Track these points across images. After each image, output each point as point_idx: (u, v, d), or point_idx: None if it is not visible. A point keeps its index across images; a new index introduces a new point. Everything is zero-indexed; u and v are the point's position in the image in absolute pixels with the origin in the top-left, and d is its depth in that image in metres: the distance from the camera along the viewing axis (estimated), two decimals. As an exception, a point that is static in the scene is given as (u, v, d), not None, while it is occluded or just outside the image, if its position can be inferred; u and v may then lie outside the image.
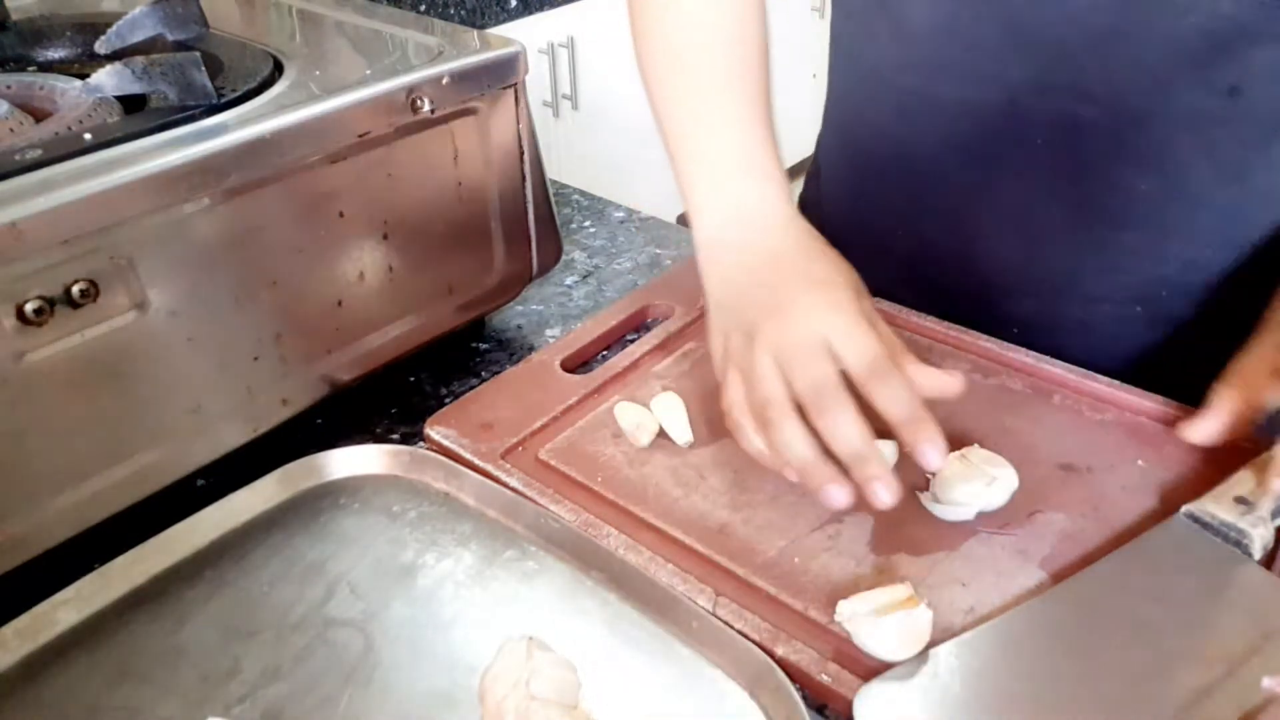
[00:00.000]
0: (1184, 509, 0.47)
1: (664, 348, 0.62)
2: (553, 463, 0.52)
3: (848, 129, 0.71)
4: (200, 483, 0.53)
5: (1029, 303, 0.63)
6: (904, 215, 0.67)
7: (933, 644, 0.41)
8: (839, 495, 0.44)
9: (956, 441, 0.53)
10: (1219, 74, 0.51)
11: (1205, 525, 0.46)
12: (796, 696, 0.39)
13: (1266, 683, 0.38)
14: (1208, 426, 0.49)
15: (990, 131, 0.59)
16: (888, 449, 0.49)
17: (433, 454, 0.53)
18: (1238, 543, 0.45)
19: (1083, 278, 0.61)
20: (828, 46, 0.71)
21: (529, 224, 0.63)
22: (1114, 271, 0.59)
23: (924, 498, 0.49)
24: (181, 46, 0.55)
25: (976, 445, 0.51)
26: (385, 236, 0.55)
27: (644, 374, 0.60)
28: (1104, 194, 0.57)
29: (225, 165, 0.45)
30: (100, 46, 0.55)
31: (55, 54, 0.59)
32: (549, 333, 0.67)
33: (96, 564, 0.46)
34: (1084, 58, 0.53)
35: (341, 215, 0.52)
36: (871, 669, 0.41)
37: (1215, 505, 0.46)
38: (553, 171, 0.64)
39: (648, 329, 0.66)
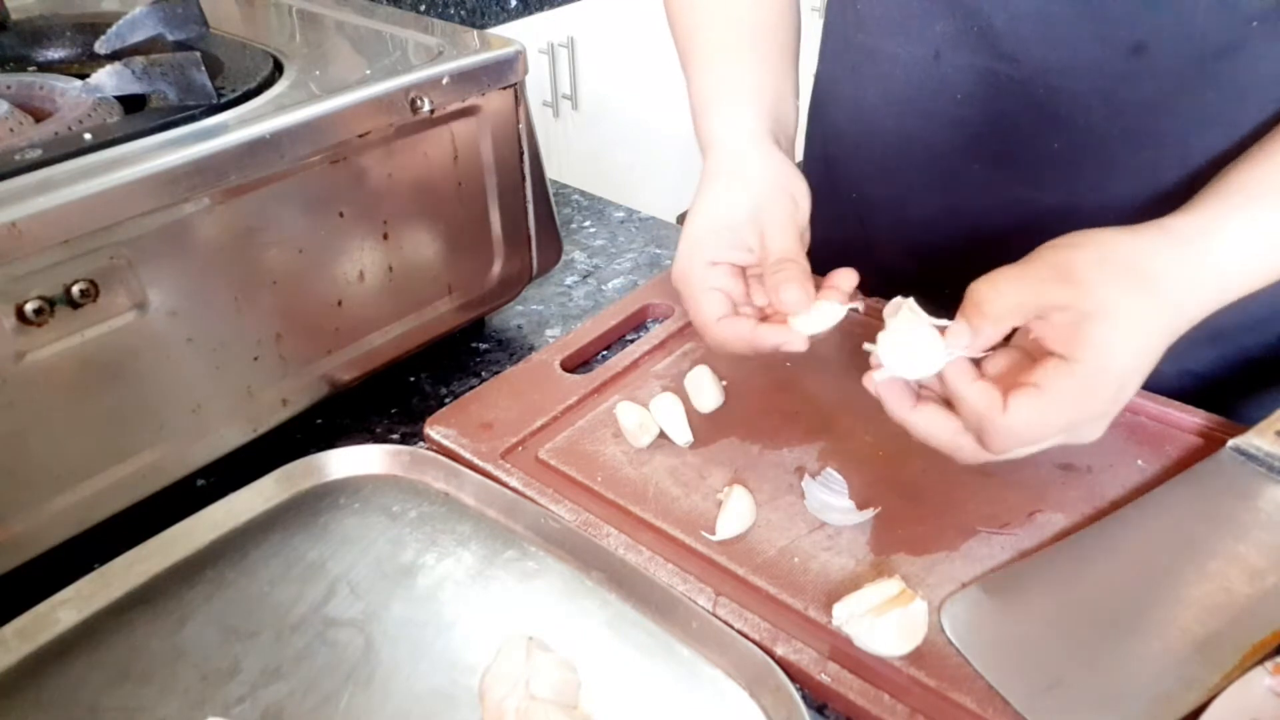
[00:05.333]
0: (1231, 443, 0.51)
1: (664, 348, 0.62)
2: (553, 462, 0.52)
3: (820, 101, 0.73)
4: (200, 483, 0.53)
5: (954, 263, 0.64)
6: (853, 174, 0.69)
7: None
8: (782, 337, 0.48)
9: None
10: (1124, 30, 0.51)
11: (1250, 457, 0.50)
12: (796, 696, 0.39)
13: (1268, 682, 0.38)
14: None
15: (916, 84, 0.60)
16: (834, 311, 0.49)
17: (433, 454, 0.53)
18: None
19: (1003, 238, 0.61)
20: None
21: (529, 224, 0.63)
22: (1034, 234, 0.60)
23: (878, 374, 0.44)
24: (181, 46, 0.55)
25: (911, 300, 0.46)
26: (385, 236, 0.55)
27: (644, 374, 0.60)
28: (1018, 151, 0.58)
29: (225, 165, 0.45)
30: (100, 46, 0.55)
31: (55, 54, 0.59)
32: (549, 333, 0.67)
33: (96, 564, 0.46)
34: (995, 12, 0.54)
35: (341, 215, 0.52)
36: (872, 668, 0.41)
37: (1259, 438, 0.50)
38: (553, 171, 0.64)
39: (647, 329, 0.66)
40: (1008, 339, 0.44)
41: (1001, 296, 0.42)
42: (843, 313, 0.48)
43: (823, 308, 0.48)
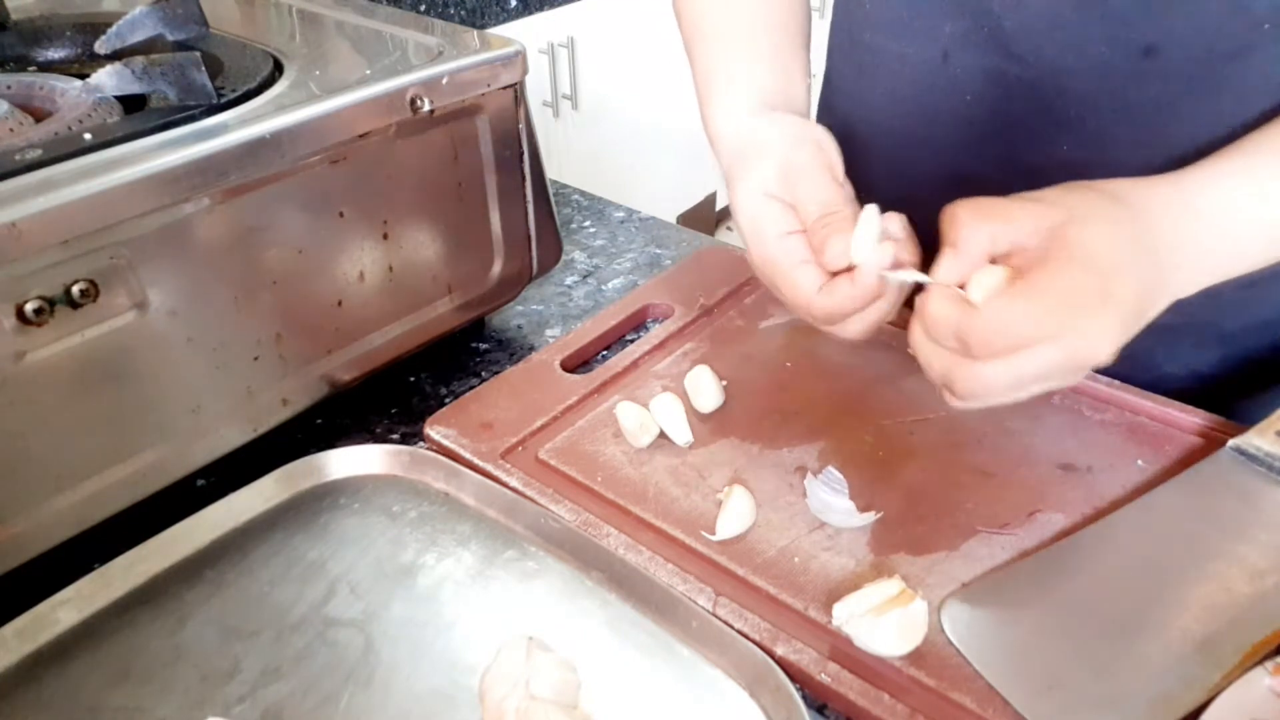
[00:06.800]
0: (1230, 443, 0.50)
1: (664, 348, 0.62)
2: (553, 462, 0.52)
3: (827, 100, 0.73)
4: (200, 483, 0.53)
5: None
6: (861, 173, 0.69)
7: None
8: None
9: (957, 448, 0.53)
10: (1135, 31, 0.51)
11: (1250, 457, 0.50)
12: (796, 696, 0.39)
13: (1268, 682, 0.38)
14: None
15: (925, 85, 0.60)
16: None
17: (433, 454, 0.53)
18: None
19: None
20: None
21: (529, 224, 0.63)
22: None
23: None
24: (181, 46, 0.55)
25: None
26: (385, 236, 0.55)
27: (644, 374, 0.60)
28: (1027, 153, 0.58)
29: (225, 165, 0.45)
30: (100, 46, 0.55)
31: (55, 54, 0.59)
32: (549, 333, 0.67)
33: (96, 564, 0.46)
34: (1005, 13, 0.54)
35: (341, 215, 0.52)
36: (872, 668, 0.41)
37: (1259, 438, 0.50)
38: (553, 171, 0.64)
39: (647, 329, 0.66)
40: None
41: (965, 221, 0.41)
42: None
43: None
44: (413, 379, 0.62)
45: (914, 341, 0.43)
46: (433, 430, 0.55)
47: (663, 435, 0.54)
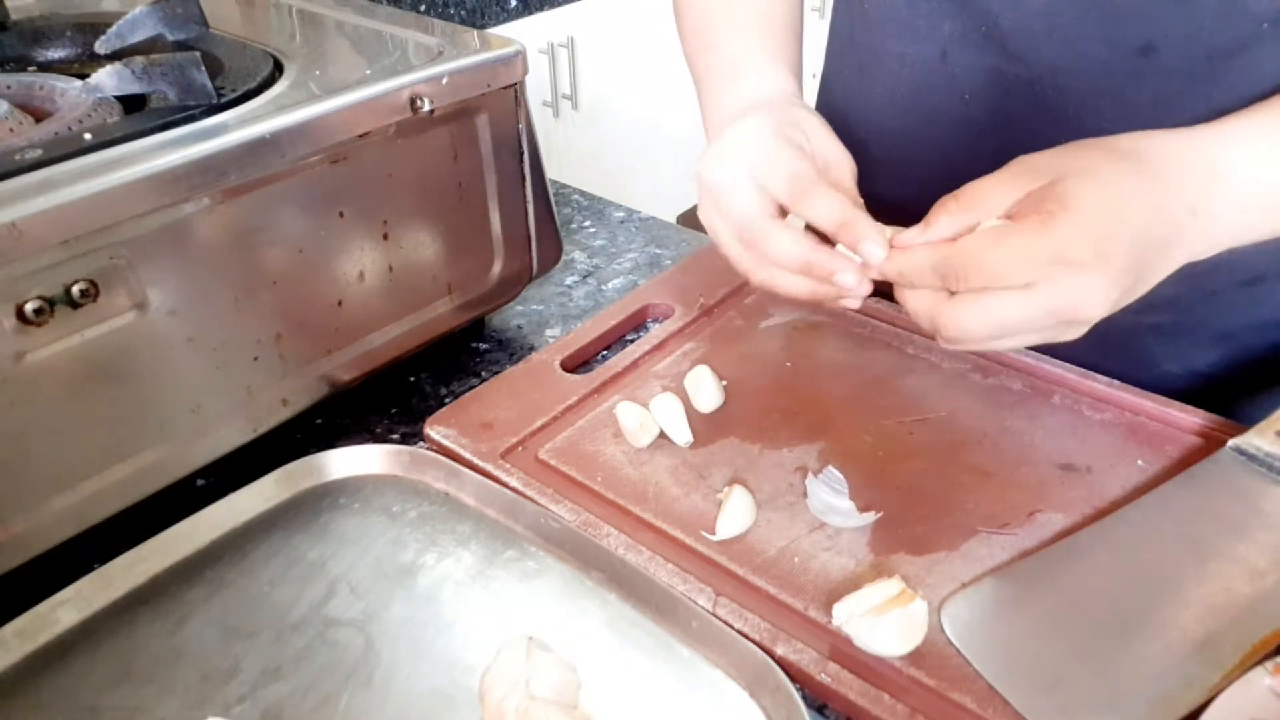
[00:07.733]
0: (1231, 443, 0.50)
1: (664, 348, 0.62)
2: (553, 462, 0.52)
3: (825, 100, 0.73)
4: (200, 483, 0.53)
5: None
6: (859, 173, 0.69)
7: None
8: (849, 278, 0.45)
9: (957, 448, 0.53)
10: (1132, 30, 0.51)
11: (1250, 457, 0.50)
12: (796, 696, 0.39)
13: (1268, 682, 0.38)
14: (912, 235, 0.45)
15: (923, 84, 0.61)
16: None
17: (433, 454, 0.53)
18: None
19: None
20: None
21: (529, 224, 0.63)
22: None
23: None
24: (181, 46, 0.55)
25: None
26: (385, 236, 0.55)
27: (644, 374, 0.60)
28: (1025, 150, 0.57)
29: (225, 165, 0.45)
30: (100, 46, 0.55)
31: (55, 54, 0.59)
32: (549, 333, 0.67)
33: (96, 564, 0.46)
34: (1003, 11, 0.54)
35: (341, 215, 0.52)
36: (872, 668, 0.41)
37: (1259, 438, 0.50)
38: (553, 171, 0.64)
39: (647, 329, 0.66)
40: None
41: (966, 190, 0.43)
42: None
43: None
44: (413, 379, 0.62)
45: (899, 294, 0.45)
46: (433, 430, 0.55)
47: (663, 435, 0.54)
